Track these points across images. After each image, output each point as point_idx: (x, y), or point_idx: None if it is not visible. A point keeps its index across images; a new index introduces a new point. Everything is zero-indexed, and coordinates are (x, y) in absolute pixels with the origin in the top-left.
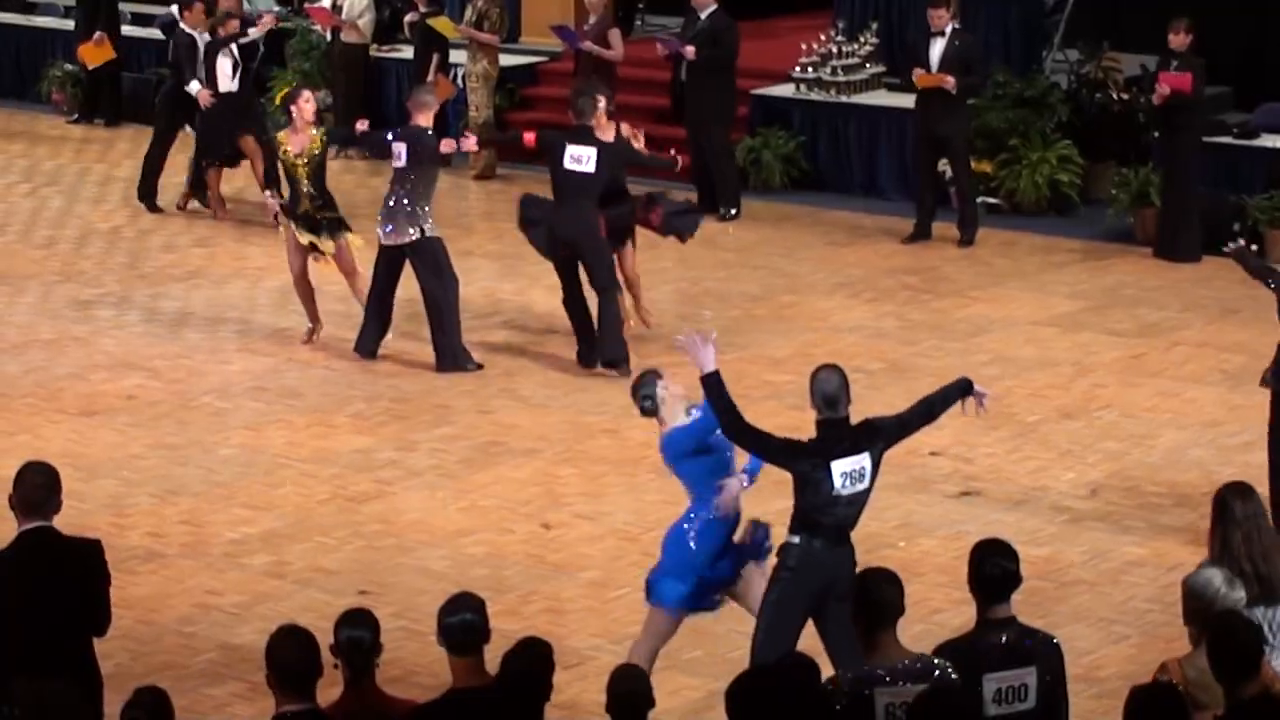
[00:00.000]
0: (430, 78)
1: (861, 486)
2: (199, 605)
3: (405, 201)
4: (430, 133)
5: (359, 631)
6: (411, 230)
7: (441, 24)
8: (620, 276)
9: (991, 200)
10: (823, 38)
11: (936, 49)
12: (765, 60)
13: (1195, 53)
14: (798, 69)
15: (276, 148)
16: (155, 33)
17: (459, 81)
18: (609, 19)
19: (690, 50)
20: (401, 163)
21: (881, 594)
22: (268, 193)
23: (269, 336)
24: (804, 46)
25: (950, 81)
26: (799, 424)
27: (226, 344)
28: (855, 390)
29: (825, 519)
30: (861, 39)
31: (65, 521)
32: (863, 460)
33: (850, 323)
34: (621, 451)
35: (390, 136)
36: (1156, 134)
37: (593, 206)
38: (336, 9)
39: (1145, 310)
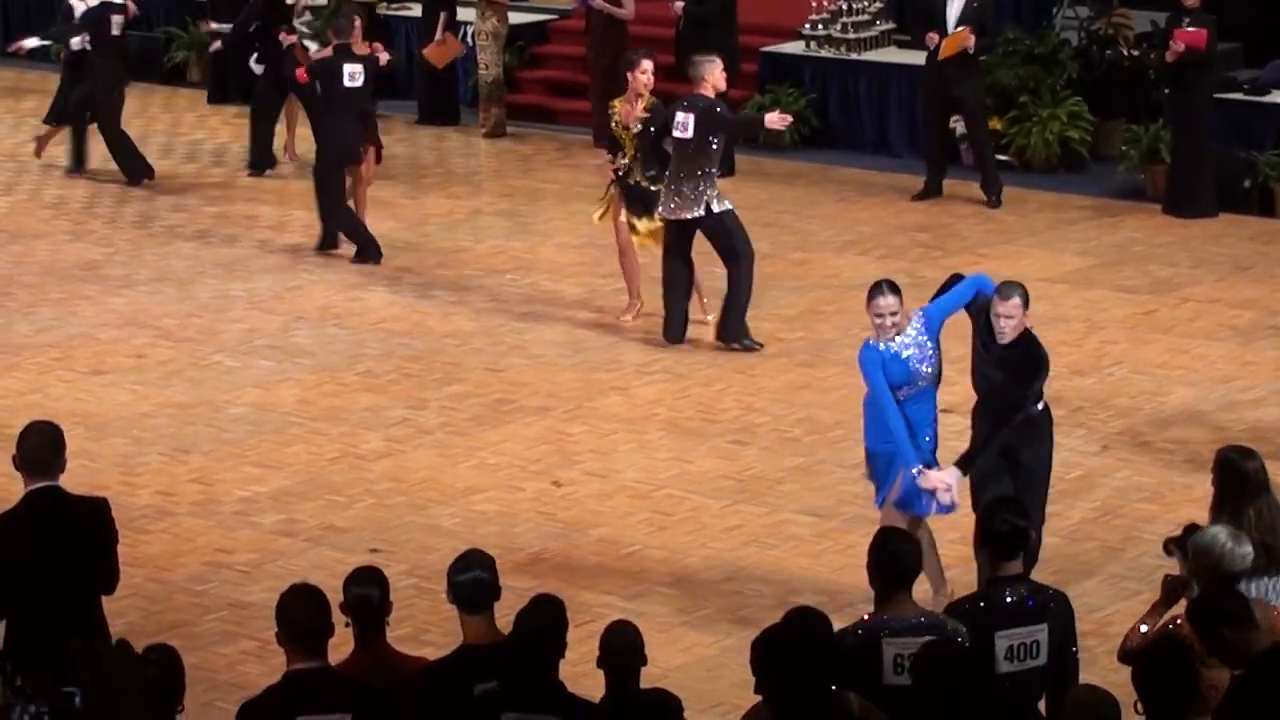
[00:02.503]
0: (438, 35)
1: None
2: (210, 564)
3: (690, 178)
4: (712, 101)
5: (369, 589)
6: (693, 206)
7: None
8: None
9: (1002, 157)
10: None
11: (955, 7)
12: (775, 17)
13: (1207, 10)
14: (807, 26)
15: (610, 116)
16: None
17: (468, 40)
18: None
19: (678, 6)
20: (687, 134)
21: (899, 553)
22: (605, 155)
23: (279, 295)
24: (814, 3)
25: (971, 40)
26: (810, 380)
27: (237, 303)
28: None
29: None
30: None
31: (75, 480)
32: None
33: (861, 280)
34: (632, 409)
35: (669, 111)
36: (1167, 90)
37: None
38: None
39: (1156, 267)
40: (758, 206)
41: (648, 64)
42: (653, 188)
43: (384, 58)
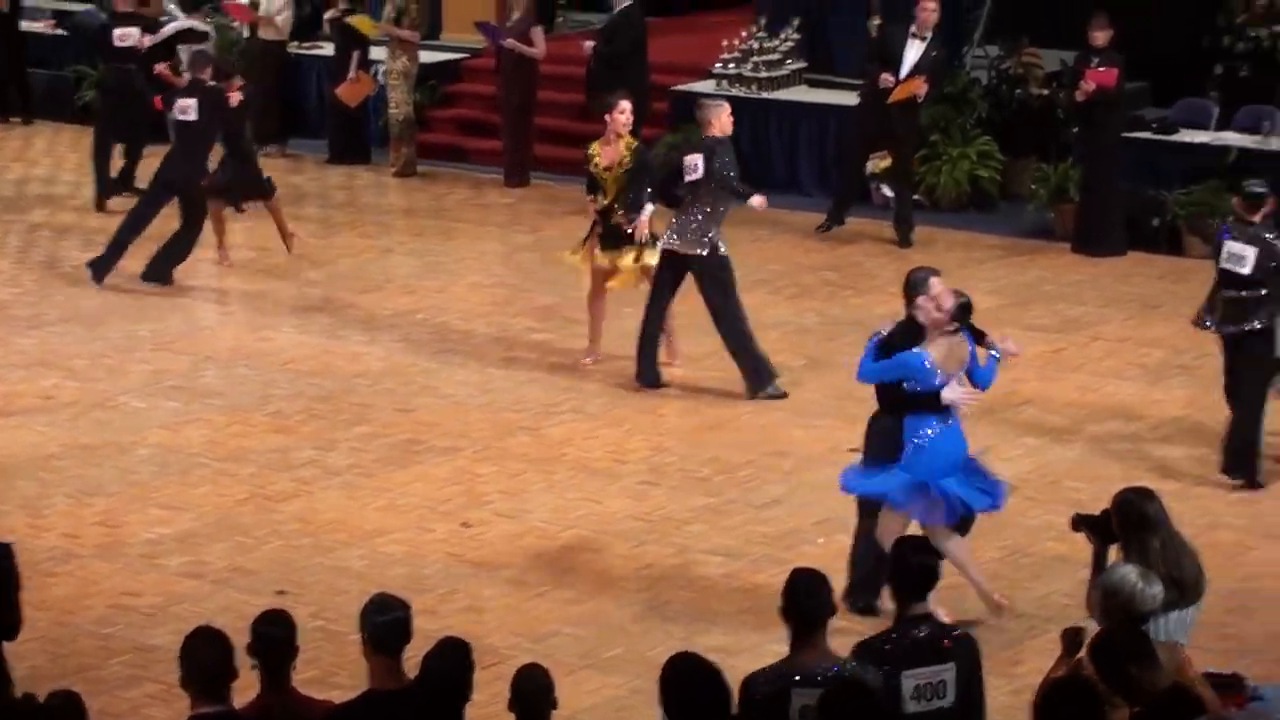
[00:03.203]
0: (351, 74)
1: None
2: (115, 606)
3: (698, 216)
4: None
5: (276, 631)
6: (696, 243)
7: (360, 22)
8: None
9: (913, 196)
10: (744, 34)
11: (914, 52)
12: (686, 56)
13: (1115, 49)
14: (719, 65)
15: (588, 158)
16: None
17: (379, 78)
18: (531, 16)
19: (588, 45)
20: (698, 174)
21: (811, 596)
22: (589, 198)
23: (188, 335)
24: (725, 43)
25: (924, 91)
26: (719, 420)
27: (145, 343)
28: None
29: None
30: (783, 35)
31: None
32: None
33: (772, 319)
34: (541, 449)
35: (679, 153)
36: (1076, 129)
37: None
38: (254, 5)
39: (1065, 305)
40: None
41: (626, 104)
42: (628, 228)
43: (234, 97)
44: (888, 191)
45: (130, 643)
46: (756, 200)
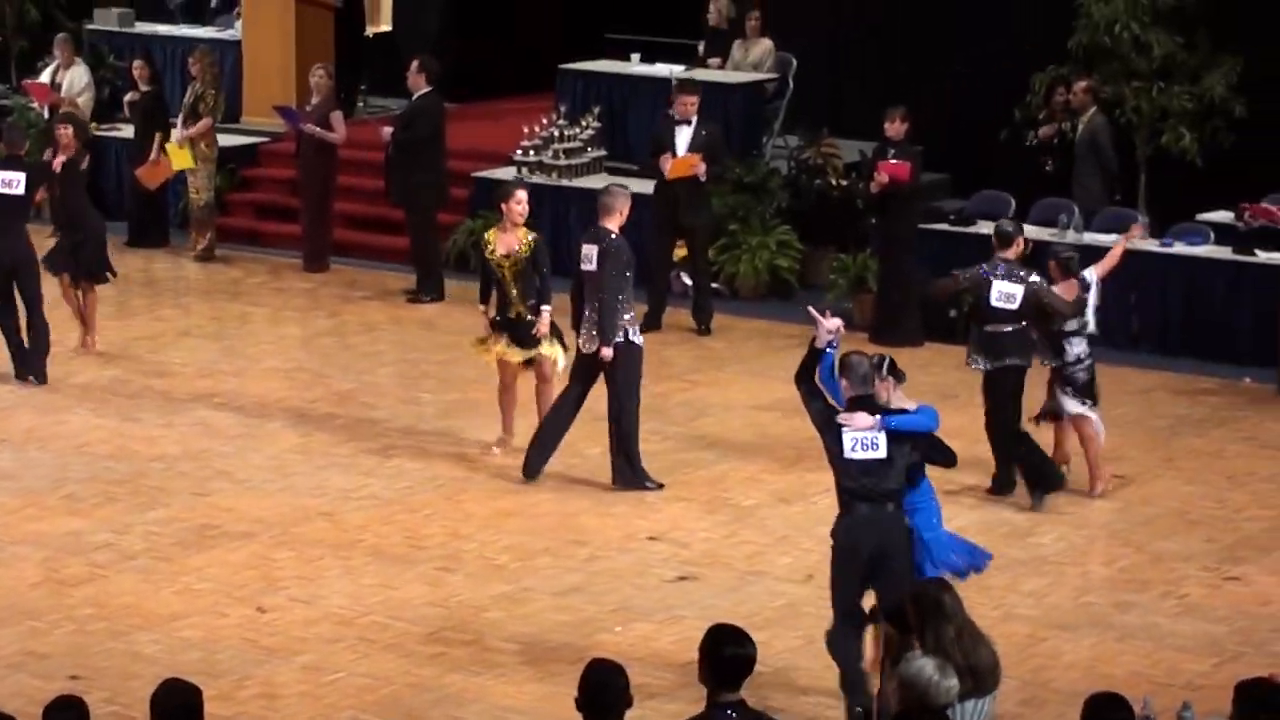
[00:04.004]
0: (152, 157)
1: (875, 455)
2: None
3: (596, 307)
4: (619, 237)
5: (68, 717)
6: (613, 336)
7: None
8: None
9: (712, 285)
10: (544, 121)
11: (683, 138)
12: (487, 142)
13: (911, 141)
14: (519, 152)
15: (483, 247)
16: None
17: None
18: (331, 100)
19: (387, 131)
20: (592, 265)
21: (609, 684)
22: (481, 307)
23: None
24: (526, 130)
25: (701, 167)
26: (518, 507)
27: None
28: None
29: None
30: (583, 123)
31: None
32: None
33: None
34: (338, 535)
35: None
36: (874, 220)
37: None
38: (56, 86)
39: None
40: (468, 331)
41: (522, 194)
42: (531, 317)
43: (57, 161)
44: (686, 280)
45: None
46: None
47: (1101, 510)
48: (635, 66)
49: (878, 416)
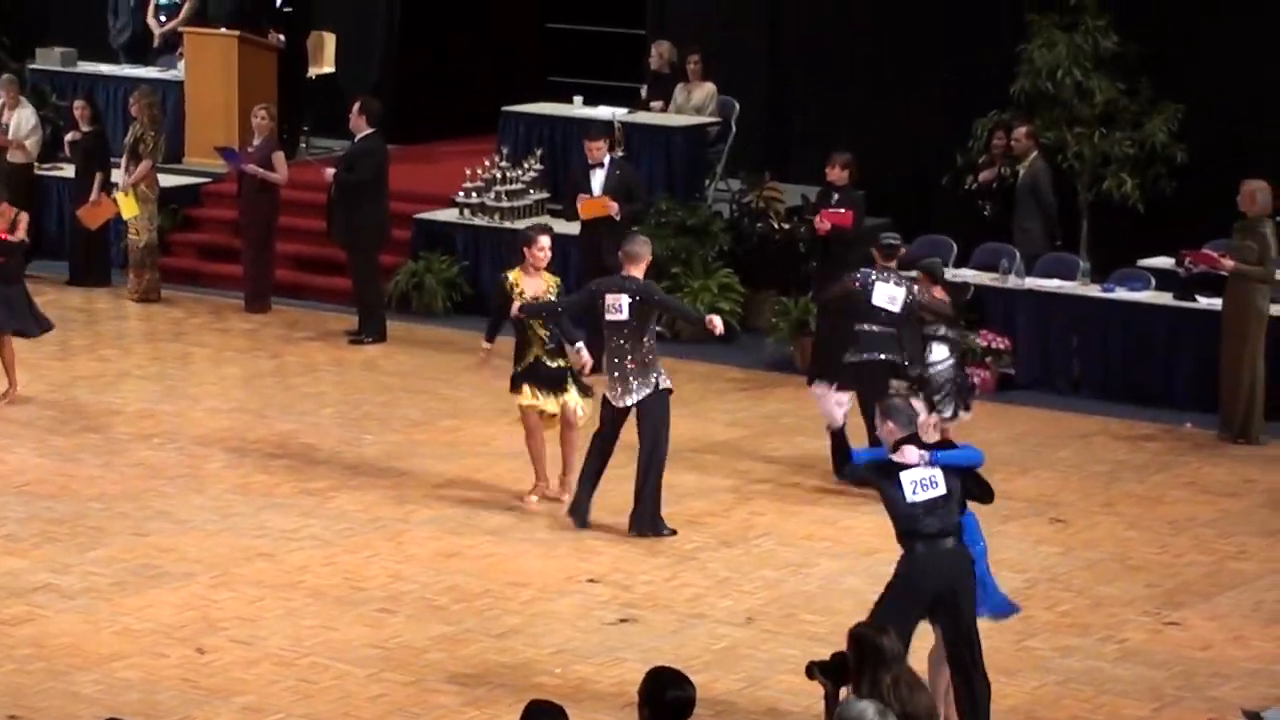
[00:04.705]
0: (93, 197)
1: (937, 493)
2: None
3: (629, 360)
4: (646, 283)
5: None
6: (643, 387)
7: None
8: None
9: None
10: (486, 163)
11: (597, 180)
12: (428, 184)
13: (855, 185)
14: (461, 194)
15: (509, 289)
16: None
17: (117, 200)
18: (273, 141)
19: (329, 172)
20: (623, 315)
21: (671, 698)
22: (486, 345)
23: None
24: (467, 171)
25: (614, 207)
26: (458, 548)
27: None
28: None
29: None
30: (525, 165)
31: None
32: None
33: (512, 448)
34: (279, 575)
35: (597, 289)
36: (816, 264)
37: None
38: (4, 128)
39: (804, 439)
40: (409, 373)
41: (545, 240)
42: (552, 364)
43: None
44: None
45: None
46: (714, 321)
47: (1043, 554)
48: (578, 109)
49: (925, 452)
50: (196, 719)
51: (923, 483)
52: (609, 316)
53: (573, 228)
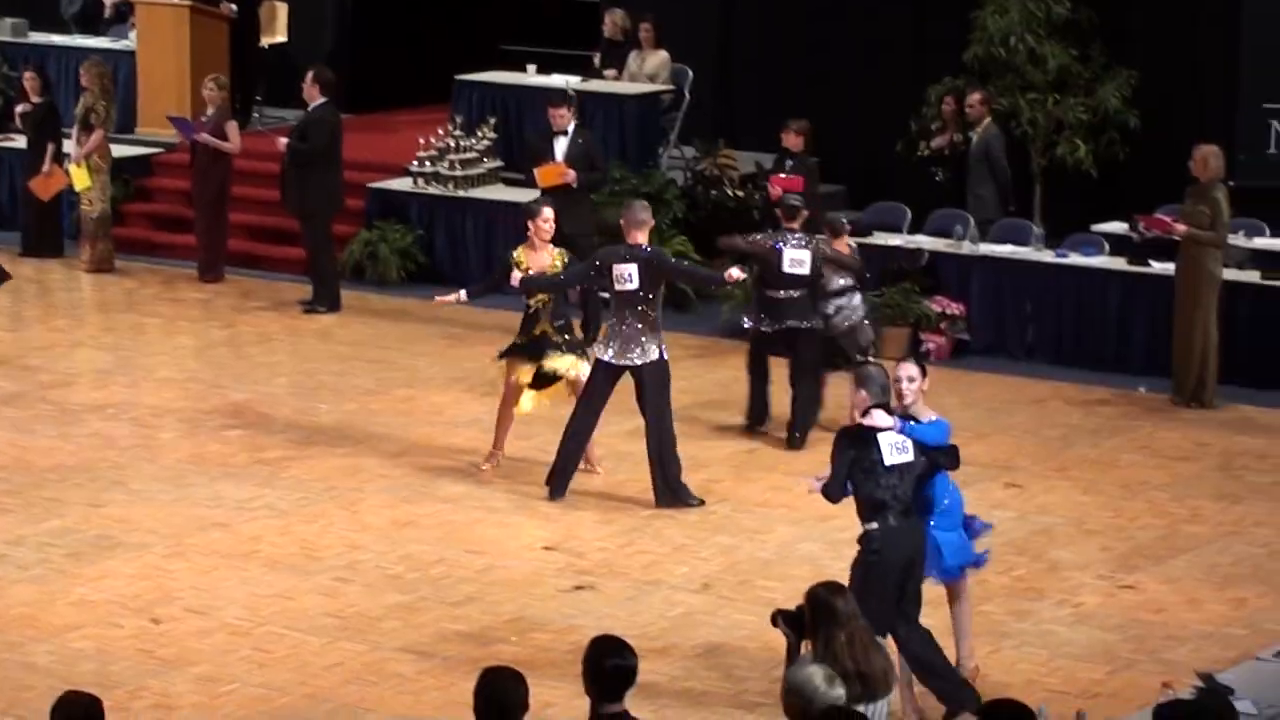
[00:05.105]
0: (45, 168)
1: (907, 459)
2: None
3: (638, 324)
4: (654, 249)
5: None
6: (641, 353)
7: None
8: None
9: (604, 296)
10: (440, 132)
11: (560, 147)
12: (382, 153)
13: (809, 152)
14: (415, 163)
15: (513, 264)
16: None
17: (69, 171)
18: (226, 111)
19: (282, 142)
20: (633, 284)
21: (507, 693)
22: (461, 294)
23: None
24: (421, 140)
25: (571, 175)
26: (413, 517)
27: None
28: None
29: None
30: (479, 134)
31: None
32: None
33: (466, 417)
34: (234, 545)
35: (601, 262)
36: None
37: None
38: None
39: None
40: (364, 342)
41: (548, 212)
42: (558, 339)
43: None
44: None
45: None
46: (732, 274)
47: (997, 519)
48: (531, 78)
49: (895, 418)
50: (152, 689)
51: (897, 446)
52: (618, 287)
53: (523, 194)
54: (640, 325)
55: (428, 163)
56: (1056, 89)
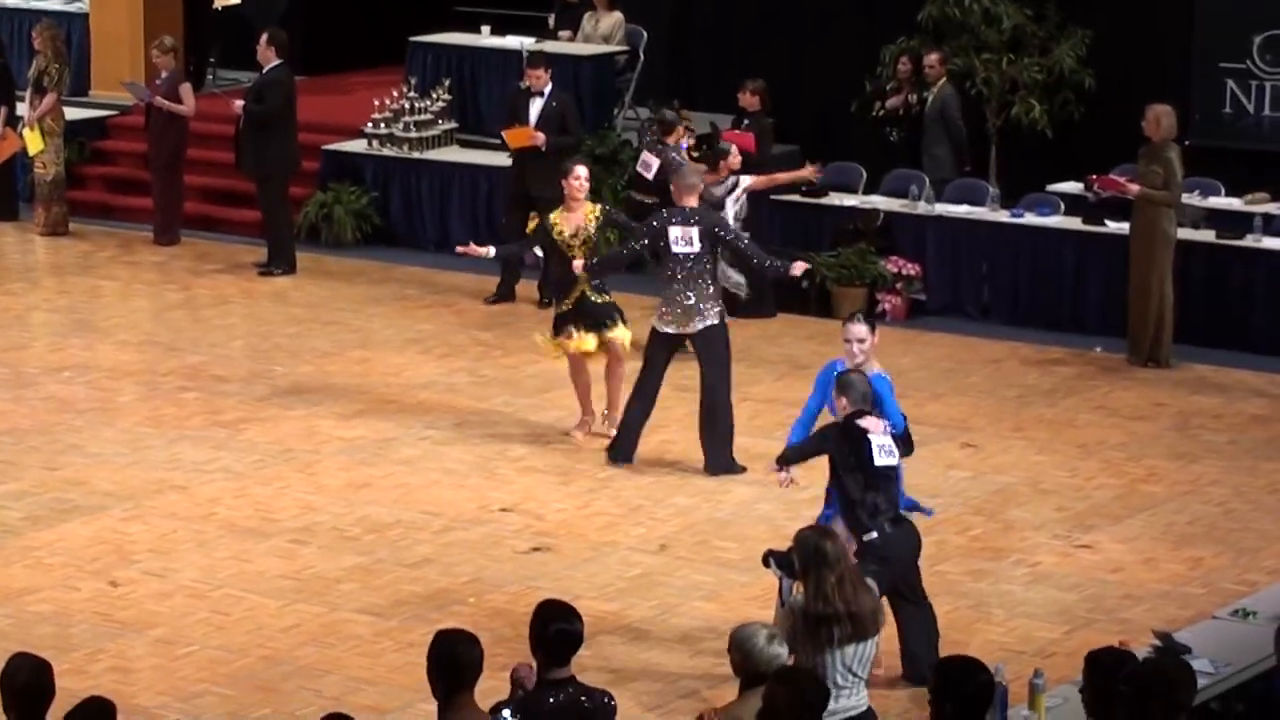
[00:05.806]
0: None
1: (894, 460)
2: None
3: (693, 291)
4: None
5: None
6: (708, 315)
7: (31, 137)
8: None
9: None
10: (395, 94)
11: (535, 108)
12: (337, 115)
13: (766, 113)
14: (370, 124)
15: (548, 229)
16: None
17: (23, 135)
18: (180, 74)
19: (238, 104)
20: (694, 247)
21: (459, 654)
22: (489, 249)
23: None
24: (376, 102)
25: (541, 138)
26: (369, 479)
27: None
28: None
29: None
30: (434, 95)
31: None
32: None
33: (422, 379)
34: (191, 508)
35: (659, 224)
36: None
37: None
38: None
39: None
40: (319, 304)
41: (581, 170)
42: (598, 300)
43: None
44: (539, 251)
45: None
46: (798, 267)
47: (954, 479)
48: (485, 39)
49: (884, 422)
50: (110, 652)
51: (885, 449)
52: (677, 249)
53: (479, 156)
54: (697, 291)
55: (382, 124)
56: (1011, 49)
